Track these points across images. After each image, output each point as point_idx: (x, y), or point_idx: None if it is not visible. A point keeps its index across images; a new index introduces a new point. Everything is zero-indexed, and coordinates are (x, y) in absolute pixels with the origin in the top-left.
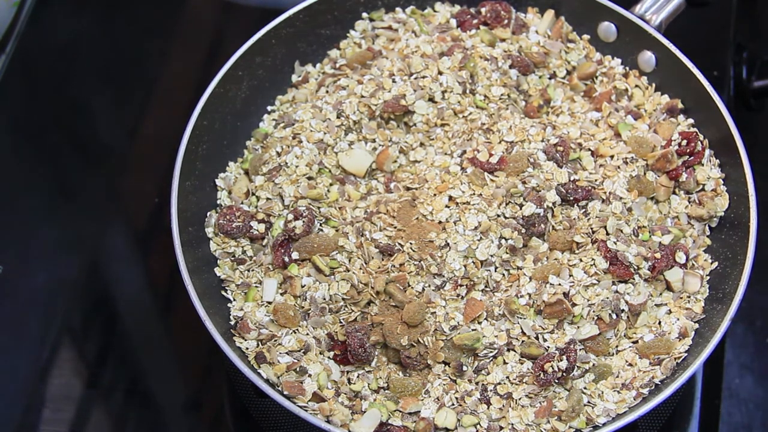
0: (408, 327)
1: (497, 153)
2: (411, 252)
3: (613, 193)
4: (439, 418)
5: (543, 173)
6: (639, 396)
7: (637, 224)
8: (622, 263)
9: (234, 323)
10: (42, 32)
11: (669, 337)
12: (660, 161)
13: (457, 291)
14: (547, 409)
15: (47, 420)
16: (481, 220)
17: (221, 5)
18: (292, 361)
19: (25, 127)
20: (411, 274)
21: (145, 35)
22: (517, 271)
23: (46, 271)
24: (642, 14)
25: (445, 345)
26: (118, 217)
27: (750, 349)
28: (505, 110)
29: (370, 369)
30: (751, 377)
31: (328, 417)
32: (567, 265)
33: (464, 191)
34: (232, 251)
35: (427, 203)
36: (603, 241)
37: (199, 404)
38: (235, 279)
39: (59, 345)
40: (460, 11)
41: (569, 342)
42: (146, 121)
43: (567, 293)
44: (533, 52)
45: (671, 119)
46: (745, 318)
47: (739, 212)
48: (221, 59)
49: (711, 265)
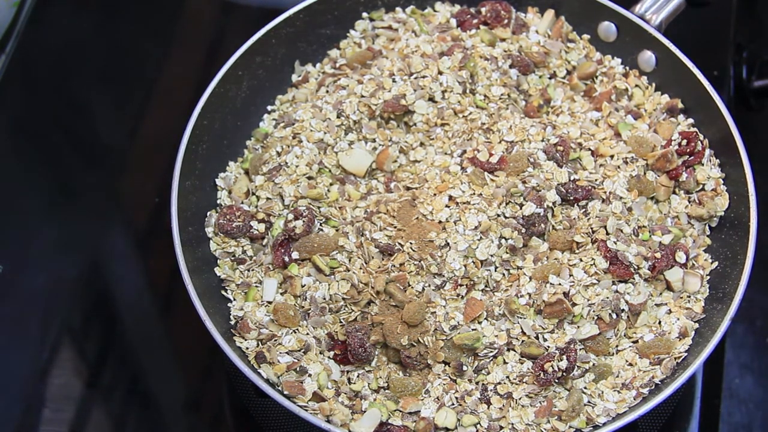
0: (408, 327)
1: (497, 153)
2: (411, 252)
3: (613, 193)
4: (439, 418)
5: (543, 173)
6: (639, 396)
7: (637, 224)
8: (622, 263)
9: (234, 323)
10: (42, 32)
11: (669, 337)
12: (660, 161)
13: (457, 291)
14: (547, 408)
15: (47, 420)
16: (481, 219)
17: (221, 5)
18: (292, 360)
19: (25, 127)
20: (411, 273)
21: (145, 35)
22: (517, 271)
23: (46, 271)
24: (642, 14)
25: (445, 345)
26: (118, 217)
27: (750, 349)
28: (505, 110)
29: (370, 369)
30: (751, 377)
31: (328, 417)
32: (567, 265)
33: (464, 191)
34: (232, 251)
35: (427, 203)
36: (603, 240)
37: (199, 404)
38: (235, 279)
39: (59, 345)
40: (460, 11)
41: (569, 342)
42: (146, 121)
43: (567, 293)
44: (533, 52)
45: (671, 119)
46: (745, 318)
47: (739, 212)
48: (221, 59)
49: (711, 264)
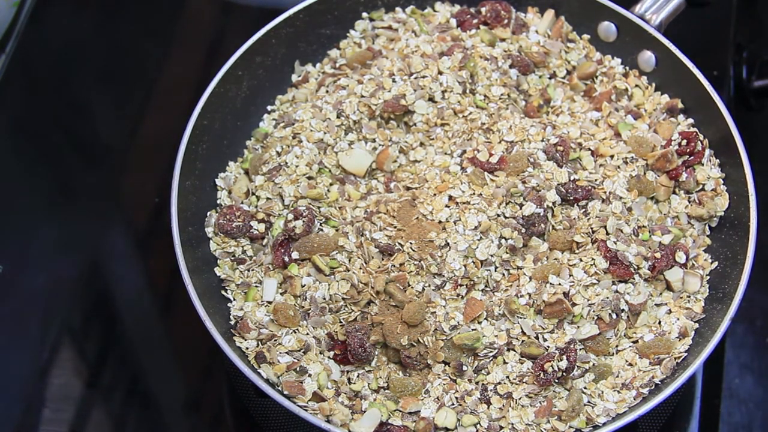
0: (408, 327)
1: (497, 153)
2: (411, 252)
3: (613, 193)
4: (439, 418)
5: (543, 173)
6: (639, 396)
7: (637, 224)
8: (622, 263)
9: (234, 323)
10: (42, 32)
11: (669, 337)
12: (660, 161)
13: (457, 291)
14: (547, 408)
15: (47, 420)
16: (481, 219)
17: (221, 5)
18: (292, 360)
19: (25, 127)
20: (411, 273)
21: (145, 35)
22: (517, 271)
23: (46, 271)
24: (642, 14)
25: (445, 345)
26: (118, 217)
27: (750, 349)
28: (505, 110)
29: (370, 369)
30: (751, 377)
31: (328, 417)
32: (567, 265)
33: (464, 191)
34: (232, 251)
35: (427, 203)
36: (603, 240)
37: (199, 404)
38: (235, 279)
39: (59, 345)
40: (460, 11)
41: (569, 342)
42: (146, 121)
43: (567, 293)
44: (533, 52)
45: (671, 119)
46: (745, 318)
47: (739, 212)
48: (221, 59)
49: (711, 264)
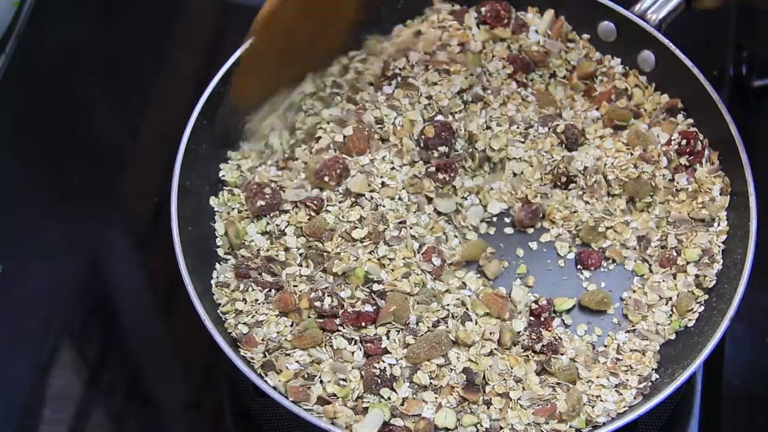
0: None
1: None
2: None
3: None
4: (439, 418)
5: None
6: (639, 396)
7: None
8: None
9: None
10: (42, 32)
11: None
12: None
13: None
14: (546, 409)
15: (47, 420)
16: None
17: (221, 5)
18: (300, 368)
19: (25, 127)
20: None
21: (145, 35)
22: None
23: (46, 271)
24: (642, 14)
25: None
26: (118, 217)
27: (750, 349)
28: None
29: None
30: (751, 377)
31: (332, 419)
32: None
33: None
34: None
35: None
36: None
37: (199, 404)
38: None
39: (59, 345)
40: (460, 11)
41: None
42: (146, 121)
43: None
44: (533, 52)
45: (671, 119)
46: (745, 318)
47: (739, 212)
48: (221, 59)
49: (711, 265)
